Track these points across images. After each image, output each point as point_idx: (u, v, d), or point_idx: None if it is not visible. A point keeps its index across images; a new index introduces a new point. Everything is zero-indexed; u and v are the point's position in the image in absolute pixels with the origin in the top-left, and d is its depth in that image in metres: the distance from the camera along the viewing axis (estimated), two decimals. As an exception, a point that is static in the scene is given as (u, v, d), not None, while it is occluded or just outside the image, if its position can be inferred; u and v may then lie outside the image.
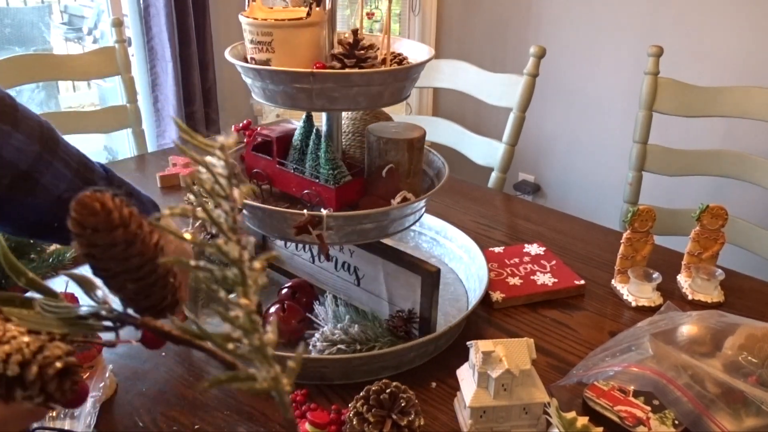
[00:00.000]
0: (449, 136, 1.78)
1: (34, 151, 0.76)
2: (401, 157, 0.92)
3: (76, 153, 0.81)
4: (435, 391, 0.87)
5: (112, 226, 0.37)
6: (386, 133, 0.92)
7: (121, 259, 0.38)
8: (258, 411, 0.83)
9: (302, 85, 0.83)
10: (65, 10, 3.80)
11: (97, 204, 0.37)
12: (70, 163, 0.79)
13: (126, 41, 1.79)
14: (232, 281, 0.35)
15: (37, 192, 0.77)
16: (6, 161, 0.74)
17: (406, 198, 0.90)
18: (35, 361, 0.40)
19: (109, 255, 0.38)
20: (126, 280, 0.39)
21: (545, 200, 3.02)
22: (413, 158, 0.93)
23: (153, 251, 0.39)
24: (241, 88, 0.94)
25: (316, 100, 0.85)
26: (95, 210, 0.37)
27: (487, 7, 2.98)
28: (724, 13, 2.29)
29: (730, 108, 1.53)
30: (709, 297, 1.07)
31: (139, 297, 0.40)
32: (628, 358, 0.78)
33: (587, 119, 2.77)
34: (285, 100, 0.86)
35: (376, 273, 0.98)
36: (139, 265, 0.39)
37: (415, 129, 0.95)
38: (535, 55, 1.58)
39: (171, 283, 0.41)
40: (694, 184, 2.12)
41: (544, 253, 1.20)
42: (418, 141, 0.94)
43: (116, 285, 0.40)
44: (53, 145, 0.78)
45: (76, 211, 0.37)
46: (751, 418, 0.72)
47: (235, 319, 0.34)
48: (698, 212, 1.09)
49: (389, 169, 0.91)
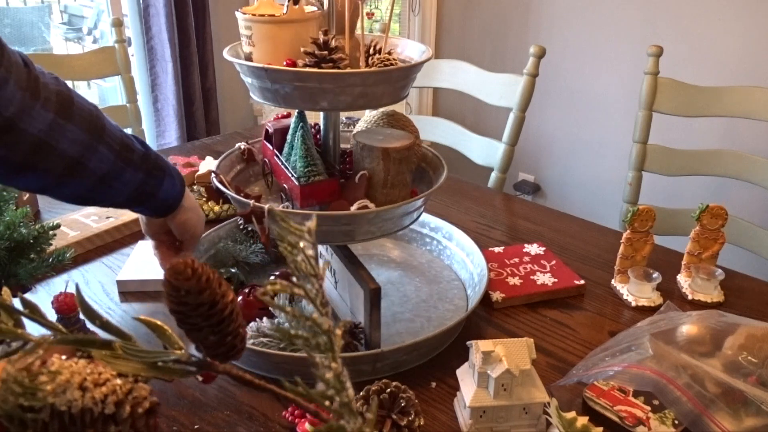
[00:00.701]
0: (449, 136, 1.78)
1: (85, 140, 0.85)
2: (376, 166, 0.90)
3: (119, 135, 0.90)
4: (435, 391, 0.87)
5: (200, 288, 0.44)
6: (367, 139, 0.91)
7: (206, 316, 0.45)
8: (258, 411, 0.83)
9: (278, 84, 0.84)
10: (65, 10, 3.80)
11: (189, 270, 0.44)
12: (113, 146, 0.88)
13: (126, 41, 1.79)
14: (323, 347, 0.42)
15: (84, 175, 0.87)
16: (61, 152, 0.84)
17: (366, 206, 0.88)
18: (127, 401, 0.47)
19: (197, 312, 0.45)
20: (208, 332, 0.46)
21: (545, 200, 3.02)
22: (389, 168, 0.90)
23: (230, 308, 0.47)
24: (241, 88, 0.94)
25: (313, 100, 0.85)
26: (188, 276, 0.44)
27: (487, 7, 2.98)
28: (724, 13, 2.29)
29: (730, 108, 1.53)
30: (709, 297, 1.07)
31: (218, 346, 0.47)
32: (628, 358, 0.78)
33: (587, 119, 2.77)
34: (277, 99, 0.87)
35: (345, 279, 0.98)
36: (220, 320, 0.46)
37: (403, 139, 0.92)
38: (535, 55, 1.58)
39: (241, 334, 0.48)
40: (694, 184, 2.12)
41: (544, 253, 1.20)
42: (397, 152, 0.89)
43: (198, 336, 0.46)
44: (100, 131, 0.87)
45: (171, 276, 0.44)
46: (751, 418, 0.72)
47: (328, 380, 0.41)
48: (698, 212, 1.09)
49: (361, 175, 0.90)
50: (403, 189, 0.94)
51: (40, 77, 0.84)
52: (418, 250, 1.22)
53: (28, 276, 0.91)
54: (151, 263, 1.12)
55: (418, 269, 1.16)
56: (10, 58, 0.81)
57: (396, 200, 0.92)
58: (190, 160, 1.56)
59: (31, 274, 0.91)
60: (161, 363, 0.47)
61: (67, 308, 0.88)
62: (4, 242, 0.88)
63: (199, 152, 1.66)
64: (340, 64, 0.84)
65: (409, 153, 0.92)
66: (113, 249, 1.22)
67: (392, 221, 0.92)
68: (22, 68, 0.82)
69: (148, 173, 0.92)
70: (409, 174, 0.94)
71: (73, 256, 0.98)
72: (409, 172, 0.94)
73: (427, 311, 1.04)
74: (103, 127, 0.88)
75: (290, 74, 0.83)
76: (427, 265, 1.18)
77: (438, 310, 1.04)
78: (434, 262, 1.18)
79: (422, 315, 1.03)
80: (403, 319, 1.02)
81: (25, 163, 0.84)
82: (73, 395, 0.45)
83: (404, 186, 0.94)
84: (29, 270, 0.90)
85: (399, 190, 0.93)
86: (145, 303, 1.05)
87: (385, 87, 0.87)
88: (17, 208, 0.94)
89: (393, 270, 1.16)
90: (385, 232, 0.93)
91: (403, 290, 1.10)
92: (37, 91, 0.83)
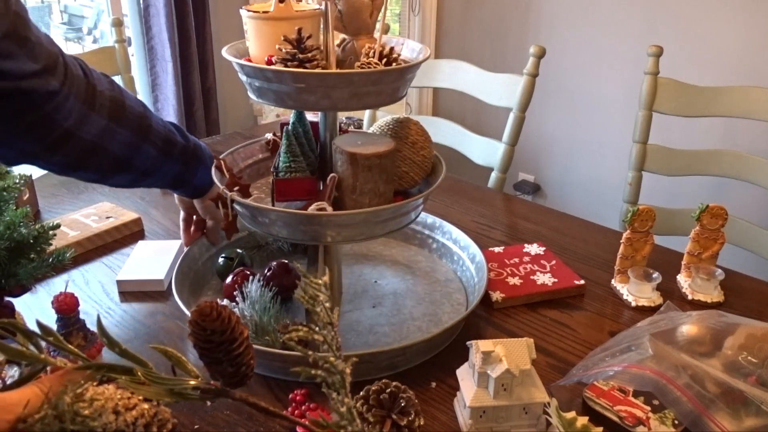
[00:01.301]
0: (449, 136, 1.78)
1: (133, 141, 0.94)
2: (344, 170, 0.88)
3: (163, 131, 0.99)
4: (435, 391, 0.87)
5: (223, 329, 0.51)
6: (343, 142, 0.90)
7: (227, 351, 0.52)
8: (258, 411, 0.83)
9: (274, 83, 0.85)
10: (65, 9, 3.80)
11: (214, 313, 0.51)
12: (157, 143, 0.98)
13: (126, 41, 1.79)
14: (338, 385, 0.51)
15: (129, 170, 0.97)
16: (111, 153, 0.92)
17: (323, 209, 0.87)
18: (154, 423, 0.53)
19: (219, 348, 0.52)
20: (227, 365, 0.53)
21: (545, 200, 3.02)
22: (357, 175, 0.87)
23: (245, 344, 0.53)
24: (242, 88, 0.95)
25: (309, 100, 0.85)
26: (213, 317, 0.50)
27: (487, 7, 2.99)
28: (724, 13, 2.29)
29: (730, 108, 1.53)
30: (709, 297, 1.07)
31: (233, 376, 0.54)
32: (628, 358, 0.78)
33: (587, 119, 2.77)
34: (273, 98, 0.87)
35: None
36: (237, 354, 0.53)
37: (379, 146, 0.88)
38: (535, 55, 1.58)
39: (252, 364, 0.55)
40: (694, 184, 2.12)
41: (544, 253, 1.20)
42: (366, 158, 0.86)
43: (218, 369, 0.53)
44: (146, 130, 0.96)
45: (198, 317, 0.50)
46: (751, 418, 0.72)
47: (342, 413, 0.49)
48: (698, 212, 1.09)
49: (331, 178, 0.90)
50: (374, 198, 0.90)
51: (96, 85, 0.91)
52: (418, 250, 1.22)
53: (28, 276, 0.91)
54: (151, 263, 1.12)
55: (417, 269, 1.16)
56: (72, 72, 0.88)
57: (365, 207, 0.90)
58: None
59: (31, 274, 0.91)
60: (182, 390, 0.53)
61: (67, 308, 0.88)
62: (4, 242, 0.88)
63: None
64: (307, 64, 0.83)
65: (381, 161, 0.87)
66: (113, 249, 1.22)
67: (355, 228, 0.89)
68: (82, 79, 0.90)
69: (186, 164, 1.02)
70: (384, 183, 0.89)
71: (73, 256, 0.98)
72: (383, 181, 0.89)
73: (426, 311, 1.04)
74: (149, 127, 0.96)
75: (285, 74, 0.83)
76: (427, 264, 1.18)
77: (438, 309, 1.04)
78: (434, 262, 1.18)
79: (422, 315, 1.03)
80: (402, 319, 1.02)
81: (78, 164, 0.92)
82: (108, 418, 0.50)
83: (376, 195, 0.90)
84: (29, 270, 0.90)
85: (369, 199, 0.89)
86: (145, 303, 1.05)
87: (382, 87, 0.87)
88: (17, 208, 0.94)
89: (393, 269, 1.16)
90: (347, 238, 0.90)
91: (403, 290, 1.10)
92: (93, 100, 0.90)
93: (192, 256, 1.08)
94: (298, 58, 0.83)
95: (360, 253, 1.21)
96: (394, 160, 0.92)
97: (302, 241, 0.93)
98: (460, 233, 1.16)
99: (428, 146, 0.99)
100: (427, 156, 0.99)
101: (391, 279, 1.13)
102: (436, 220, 1.21)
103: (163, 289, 1.08)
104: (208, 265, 1.12)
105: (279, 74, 0.83)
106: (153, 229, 1.29)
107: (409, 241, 1.25)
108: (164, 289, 1.08)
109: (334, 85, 0.83)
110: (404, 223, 0.96)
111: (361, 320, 1.01)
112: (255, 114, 2.85)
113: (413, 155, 0.97)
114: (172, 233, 1.27)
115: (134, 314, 1.03)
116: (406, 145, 0.97)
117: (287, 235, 0.90)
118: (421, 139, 0.98)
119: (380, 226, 0.91)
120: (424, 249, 1.23)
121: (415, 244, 1.24)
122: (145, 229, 1.29)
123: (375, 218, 0.90)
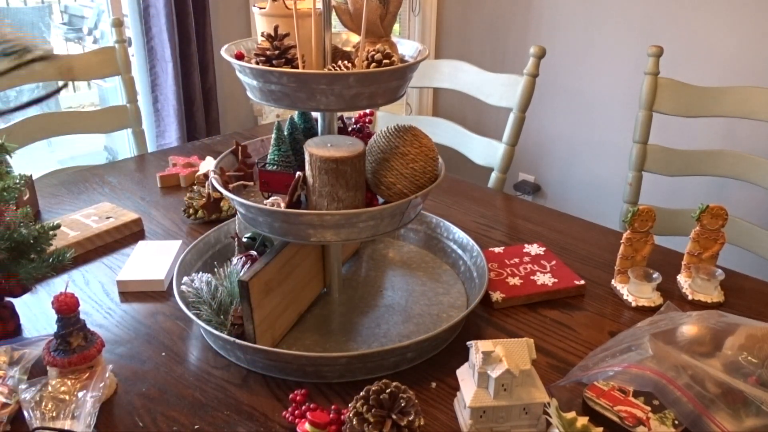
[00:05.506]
0: (449, 136, 1.78)
1: None
2: (308, 171, 0.89)
3: None
4: (435, 391, 0.87)
5: None
6: (312, 142, 0.90)
7: None
8: (258, 411, 0.83)
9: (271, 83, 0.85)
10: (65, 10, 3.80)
11: None
12: None
13: (126, 41, 1.79)
14: None
15: None
16: None
17: (278, 204, 0.90)
18: None
19: None
20: None
21: (545, 200, 3.02)
22: (315, 177, 0.88)
23: None
24: (241, 88, 0.95)
25: (306, 100, 0.85)
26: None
27: (487, 7, 2.99)
28: (724, 13, 2.29)
29: (730, 108, 1.53)
30: (709, 297, 1.07)
31: None
32: (628, 358, 0.78)
33: (587, 119, 2.77)
34: (271, 98, 0.87)
35: None
36: None
37: (341, 151, 0.87)
38: (535, 55, 1.58)
39: None
40: (694, 184, 2.12)
41: (544, 253, 1.20)
42: (322, 161, 0.86)
43: None
44: None
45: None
46: (751, 418, 0.72)
47: None
48: (698, 212, 1.09)
49: (297, 176, 0.90)
50: (333, 202, 0.89)
51: None
52: (418, 250, 1.22)
53: (28, 276, 0.91)
54: (151, 263, 1.12)
55: (417, 269, 1.16)
56: None
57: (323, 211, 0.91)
58: (190, 160, 1.56)
59: (31, 274, 0.91)
60: None
61: (67, 308, 0.87)
62: (5, 242, 0.88)
63: (199, 152, 1.66)
64: (275, 60, 0.85)
65: (338, 166, 0.86)
66: (113, 249, 1.22)
67: (297, 228, 0.90)
68: None
69: None
70: (344, 189, 0.88)
71: (73, 256, 0.98)
72: (342, 186, 0.88)
73: (426, 311, 1.04)
74: None
75: (283, 74, 0.83)
76: (427, 264, 1.18)
77: (438, 310, 1.04)
78: (434, 262, 1.18)
79: (422, 314, 1.03)
80: (402, 319, 1.02)
81: None
82: None
83: (334, 200, 0.89)
84: (29, 270, 0.90)
85: (328, 202, 0.89)
86: (145, 303, 1.05)
87: (380, 87, 0.87)
88: (17, 208, 0.94)
89: (392, 269, 1.16)
90: (298, 238, 0.91)
91: (403, 290, 1.10)
92: None
93: (192, 256, 1.08)
94: (267, 55, 0.85)
95: (360, 253, 1.21)
96: (358, 167, 0.89)
97: (284, 237, 0.92)
98: (461, 233, 1.16)
99: (421, 160, 0.93)
100: (418, 169, 0.93)
101: (391, 279, 1.13)
102: (436, 219, 1.21)
103: (163, 289, 1.08)
104: (208, 264, 1.12)
105: (278, 74, 0.83)
106: (153, 229, 1.29)
107: (409, 240, 1.25)
108: (164, 289, 1.08)
109: (329, 85, 0.84)
110: (383, 230, 0.94)
111: (360, 320, 1.01)
112: (255, 114, 2.85)
113: (401, 167, 0.92)
114: (172, 233, 1.27)
115: (134, 314, 1.03)
116: (395, 156, 0.93)
117: (266, 229, 0.93)
118: (413, 151, 0.93)
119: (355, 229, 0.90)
120: (424, 249, 1.23)
121: (415, 244, 1.24)
122: (145, 229, 1.29)
123: (349, 221, 0.89)
